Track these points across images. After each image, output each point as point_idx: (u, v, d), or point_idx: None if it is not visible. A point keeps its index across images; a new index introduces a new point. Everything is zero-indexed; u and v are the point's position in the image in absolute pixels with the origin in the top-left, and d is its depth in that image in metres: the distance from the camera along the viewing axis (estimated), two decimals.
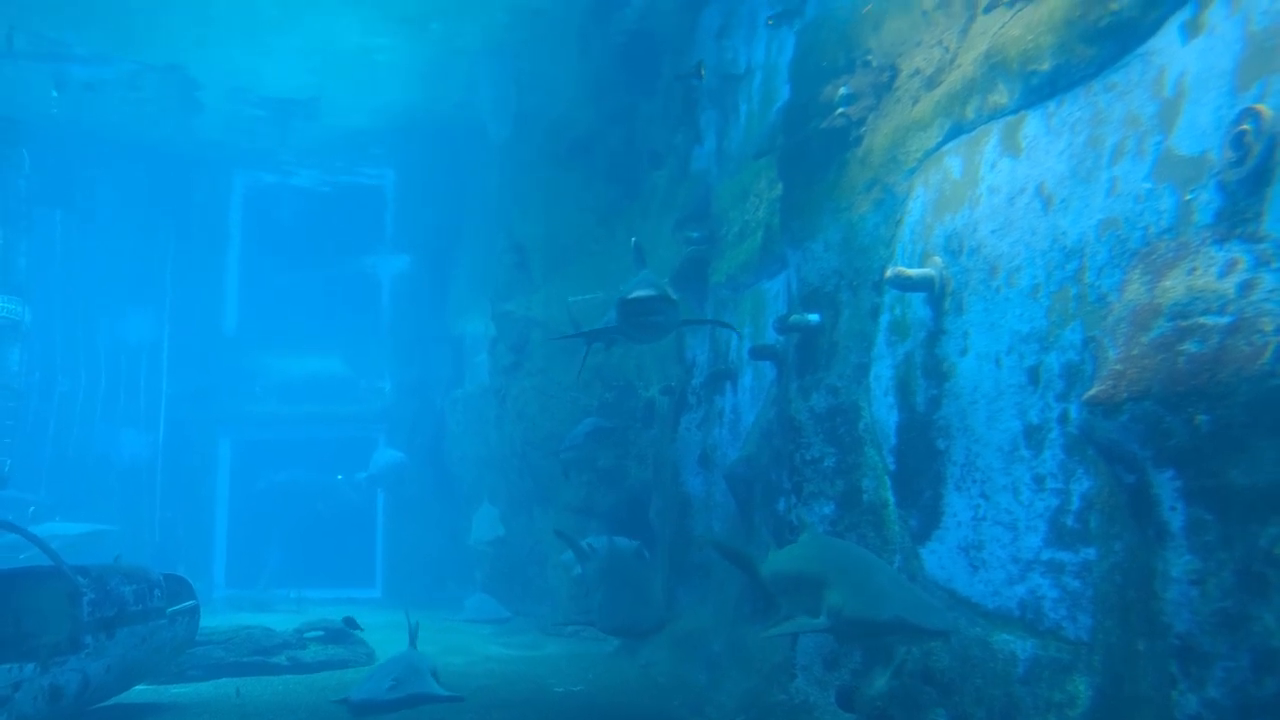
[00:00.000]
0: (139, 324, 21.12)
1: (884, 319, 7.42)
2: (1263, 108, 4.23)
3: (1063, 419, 5.48)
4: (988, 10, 6.62)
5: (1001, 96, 6.17)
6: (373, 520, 22.03)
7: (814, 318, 8.07)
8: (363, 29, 13.98)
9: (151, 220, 20.66)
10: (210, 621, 11.40)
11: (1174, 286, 4.46)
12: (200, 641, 10.66)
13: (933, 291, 6.70)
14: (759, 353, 9.42)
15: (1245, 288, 4.14)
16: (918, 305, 6.93)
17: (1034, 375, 5.73)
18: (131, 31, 14.28)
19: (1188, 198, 4.63)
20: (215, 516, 21.28)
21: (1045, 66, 5.72)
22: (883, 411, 7.35)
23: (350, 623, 11.50)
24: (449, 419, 19.86)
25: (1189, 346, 4.23)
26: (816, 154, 8.32)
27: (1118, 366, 4.55)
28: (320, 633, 12.05)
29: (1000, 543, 5.95)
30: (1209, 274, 4.32)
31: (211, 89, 16.42)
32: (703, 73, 11.53)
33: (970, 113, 6.52)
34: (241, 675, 10.78)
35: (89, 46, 14.81)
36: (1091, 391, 4.65)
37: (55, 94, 16.22)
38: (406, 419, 21.41)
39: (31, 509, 17.18)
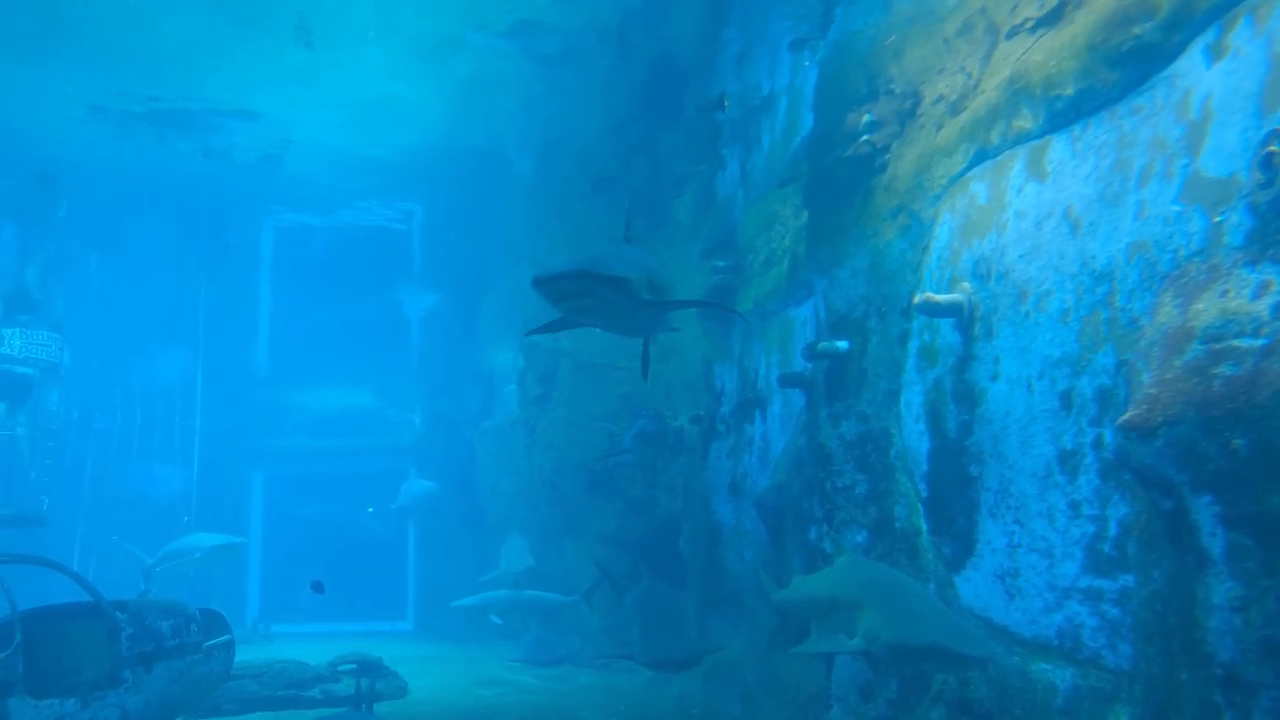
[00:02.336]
0: (173, 362, 21.41)
1: (913, 345, 7.40)
2: None
3: (1097, 444, 5.43)
4: (1010, 36, 6.64)
5: (1026, 121, 6.18)
6: (404, 553, 22.08)
7: (843, 345, 8.07)
8: (389, 72, 14.22)
9: (184, 259, 20.99)
10: (245, 655, 11.46)
11: (1206, 309, 4.43)
12: (235, 675, 10.70)
13: (962, 317, 6.68)
14: (788, 380, 9.41)
15: (1279, 310, 4.11)
16: (947, 331, 6.91)
17: (1066, 400, 5.69)
18: (167, 80, 14.62)
19: (1217, 220, 4.60)
20: (249, 551, 21.39)
21: (1069, 91, 5.73)
22: (914, 438, 7.31)
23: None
24: (479, 450, 19.92)
25: (1224, 369, 4.20)
26: (841, 181, 8.35)
27: (1152, 390, 4.52)
28: (354, 666, 12.07)
29: (1036, 570, 5.89)
30: (1241, 296, 4.29)
31: (242, 133, 16.73)
32: (726, 104, 11.61)
33: (995, 138, 6.53)
34: (276, 709, 10.82)
35: (126, 94, 15.16)
36: (1126, 416, 4.62)
37: (204, 158, 16.93)
38: (436, 451, 21.50)
39: (186, 519, 17.62)
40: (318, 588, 11.53)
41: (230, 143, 16.99)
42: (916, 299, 6.89)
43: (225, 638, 10.11)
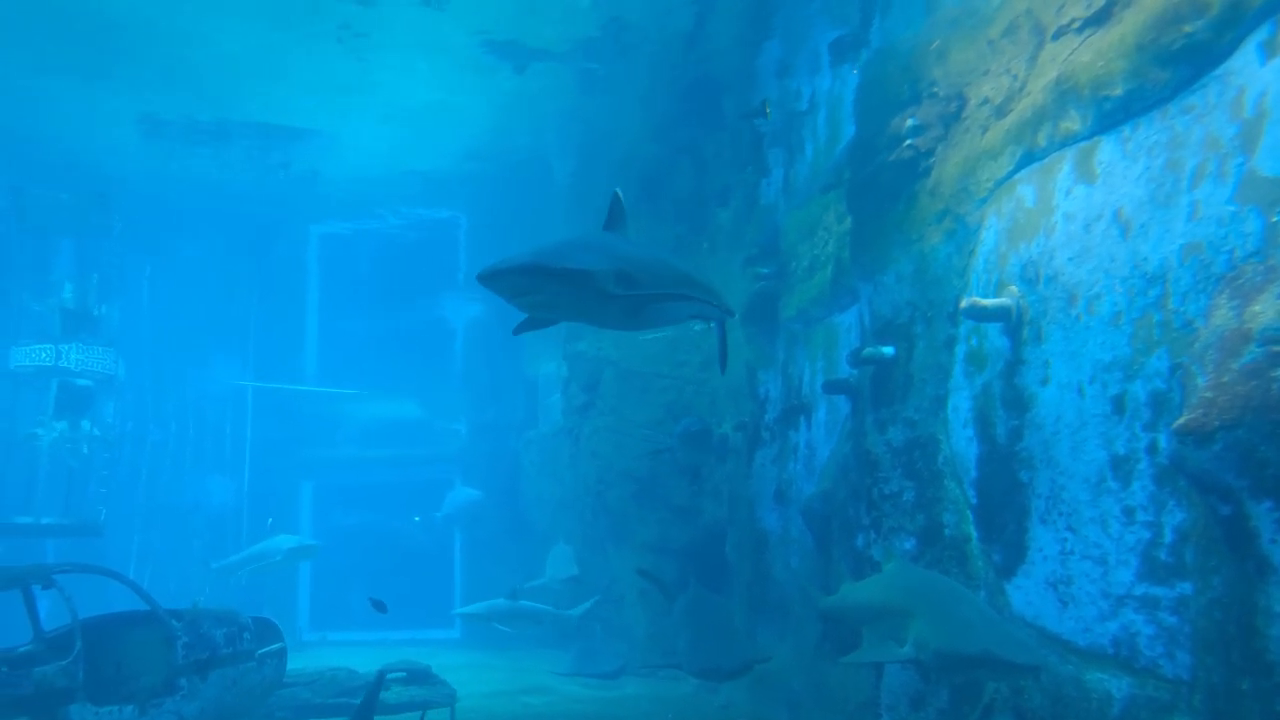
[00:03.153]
0: (224, 373, 21.82)
1: (960, 350, 7.33)
2: None
3: (1151, 449, 5.34)
4: (1056, 37, 6.57)
5: (1074, 123, 6.10)
6: (450, 561, 22.25)
7: (888, 350, 8.01)
8: (436, 84, 14.41)
9: (234, 271, 21.39)
10: (296, 663, 11.61)
11: (1264, 311, 4.34)
12: (287, 683, 10.86)
13: (1010, 321, 6.61)
14: (832, 387, 9.36)
15: None
16: (994, 335, 6.84)
17: (1119, 404, 5.60)
18: (218, 95, 14.94)
19: (1274, 220, 4.52)
20: (300, 562, 21.72)
21: (1118, 91, 5.65)
22: (962, 444, 7.24)
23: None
24: (523, 460, 20.04)
25: None
26: (885, 186, 8.30)
27: (1208, 394, 4.44)
28: (403, 674, 12.17)
29: (1090, 578, 5.80)
30: None
31: (290, 145, 17.04)
32: (769, 111, 11.60)
33: (1042, 140, 6.46)
34: (327, 717, 10.93)
35: (177, 109, 15.52)
36: (1181, 420, 4.54)
37: (283, 172, 17.36)
38: (482, 460, 21.66)
39: (270, 520, 18.01)
40: (379, 606, 11.75)
41: (278, 155, 17.32)
42: (963, 303, 6.82)
43: (277, 645, 10.28)
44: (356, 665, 12.43)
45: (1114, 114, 5.74)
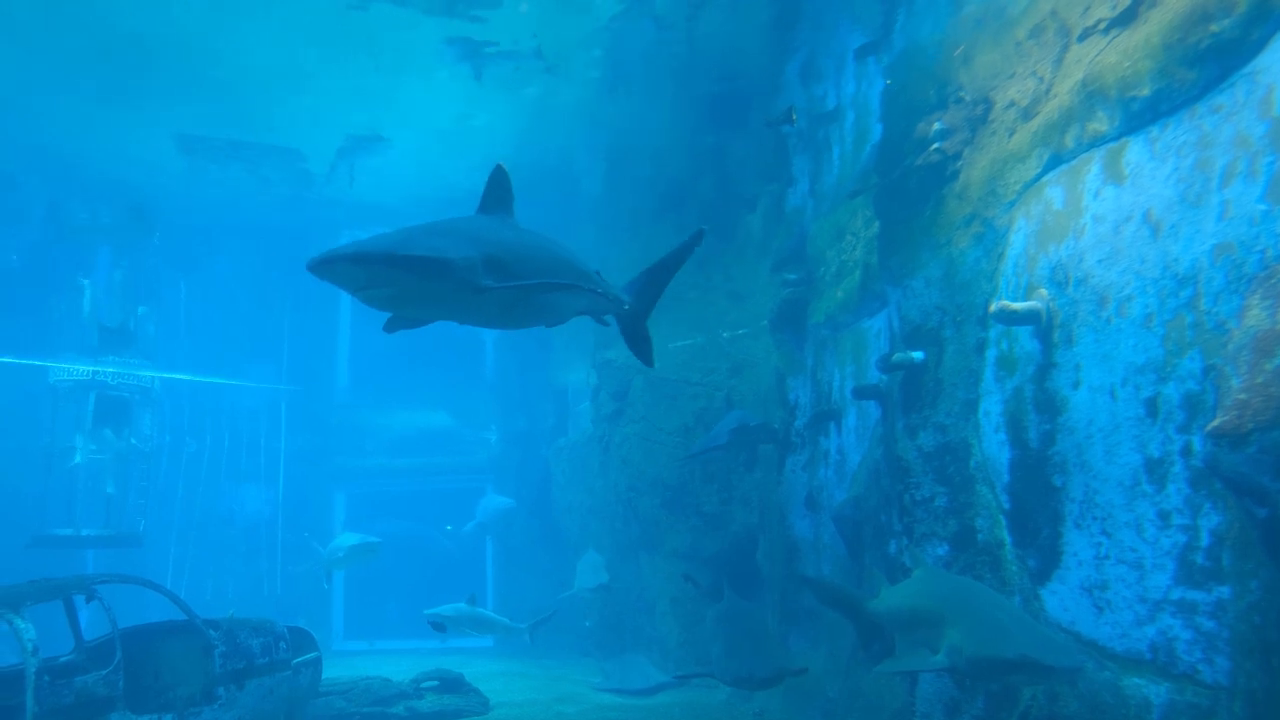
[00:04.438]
0: (258, 386, 22.08)
1: (990, 354, 7.29)
2: None
3: (1186, 451, 5.28)
4: (1082, 39, 6.53)
5: (1101, 124, 6.07)
6: (482, 570, 22.35)
7: (918, 355, 7.98)
8: (463, 99, 14.55)
9: (267, 284, 21.66)
10: (331, 672, 11.72)
11: None
12: (323, 692, 10.97)
13: (1040, 324, 6.57)
14: (862, 392, 9.33)
15: None
16: (1025, 339, 6.80)
17: (1152, 407, 5.55)
18: (252, 112, 15.17)
19: None
20: (322, 572, 21.93)
21: (1145, 92, 5.61)
22: (994, 448, 7.19)
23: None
24: (554, 468, 20.10)
25: None
26: (912, 190, 8.28)
27: (1242, 396, 4.40)
28: (436, 683, 12.26)
29: (1126, 582, 5.74)
30: None
31: (321, 161, 17.26)
32: (794, 117, 11.59)
33: (1069, 142, 6.43)
34: None
35: (212, 127, 15.79)
36: (1215, 423, 4.49)
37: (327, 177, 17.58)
38: (512, 469, 21.76)
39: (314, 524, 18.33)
40: (438, 627, 11.95)
41: (309, 168, 17.54)
42: (993, 307, 6.79)
43: (313, 655, 10.37)
44: (391, 674, 12.54)
45: (1142, 114, 5.71)
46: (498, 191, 5.57)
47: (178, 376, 19.59)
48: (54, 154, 16.48)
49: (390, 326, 5.54)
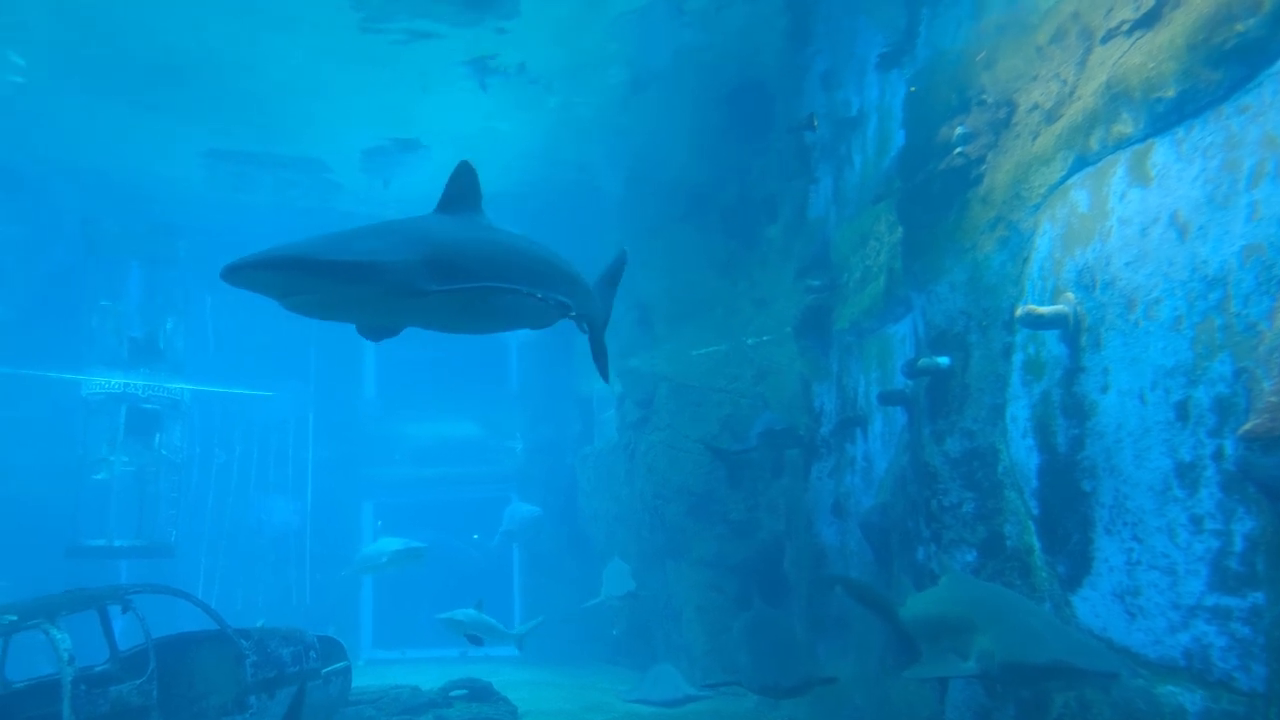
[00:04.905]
0: (286, 397, 22.29)
1: (1017, 358, 7.24)
2: None
3: (1217, 455, 5.23)
4: (1105, 41, 6.50)
5: (1126, 126, 6.03)
6: (509, 578, 22.41)
7: (944, 360, 7.93)
8: (486, 111, 14.66)
9: None
10: (360, 681, 11.79)
11: None
12: (353, 701, 11.03)
13: (1067, 328, 6.53)
14: (888, 398, 9.29)
15: None
16: (1052, 343, 6.75)
17: (1182, 410, 5.50)
18: (279, 127, 15.37)
19: None
20: (361, 579, 22.03)
21: (1170, 93, 5.58)
22: (1022, 454, 7.14)
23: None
24: (580, 476, 20.13)
25: None
26: (936, 195, 8.25)
27: (1274, 398, 4.35)
28: (465, 691, 12.30)
29: (1158, 588, 5.68)
30: None
31: (346, 173, 17.42)
32: (815, 124, 11.58)
33: (1094, 144, 6.39)
34: None
35: (240, 141, 16.00)
36: (1247, 426, 4.45)
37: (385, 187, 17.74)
38: (539, 478, 21.81)
39: (379, 523, 18.42)
40: (475, 641, 12.04)
41: (334, 179, 17.71)
42: (1019, 311, 6.75)
43: (342, 664, 10.44)
44: (420, 683, 12.59)
45: (1167, 116, 5.67)
46: (461, 188, 5.26)
47: (207, 388, 19.80)
48: (87, 169, 16.74)
49: (364, 333, 5.17)
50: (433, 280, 4.39)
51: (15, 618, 7.60)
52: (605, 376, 6.20)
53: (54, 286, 18.66)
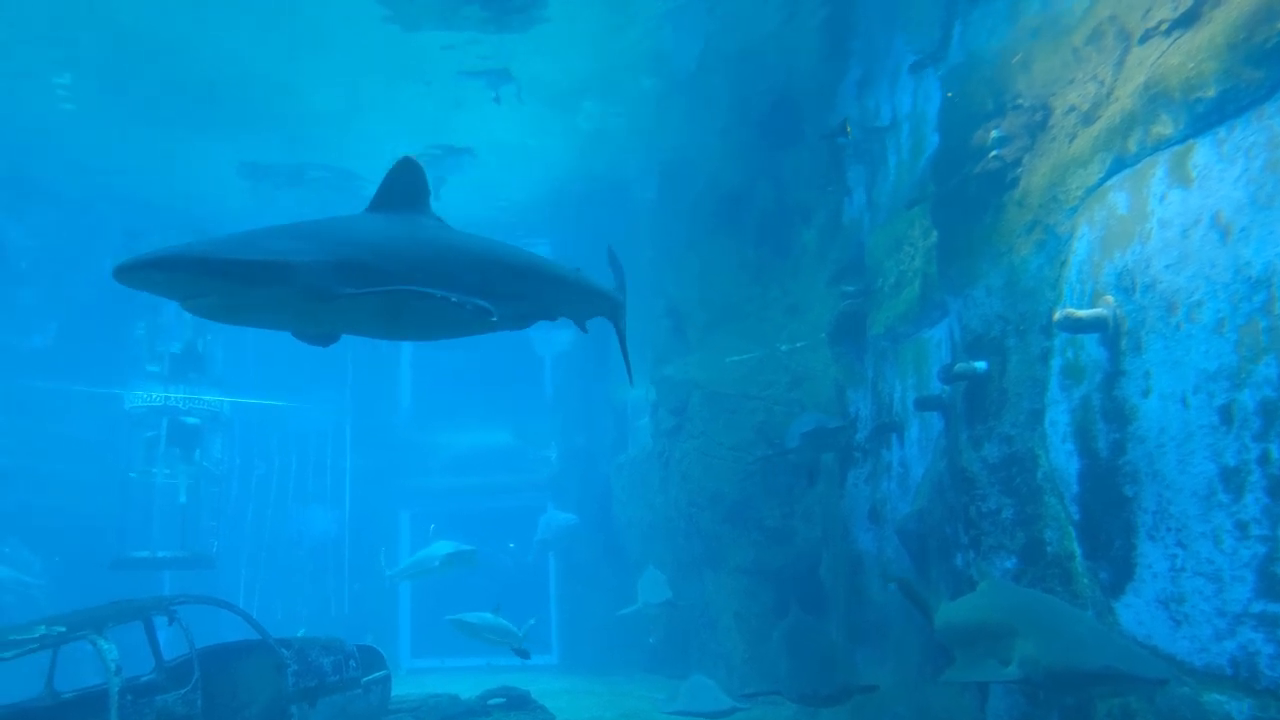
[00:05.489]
0: (323, 408, 22.53)
1: (1056, 363, 7.17)
2: None
3: (1263, 460, 5.14)
4: (1143, 41, 6.43)
5: (1165, 127, 5.96)
6: (546, 587, 22.47)
7: (981, 365, 7.87)
8: (519, 119, 14.77)
9: None
10: (400, 690, 11.87)
11: None
12: (392, 710, 11.10)
13: (1107, 332, 6.45)
14: (924, 403, 9.22)
15: None
16: (1091, 347, 6.68)
17: (1226, 414, 5.41)
18: (313, 140, 15.58)
19: None
20: (399, 588, 22.20)
21: (1211, 93, 5.51)
22: (1062, 459, 7.06)
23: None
24: (614, 484, 20.15)
25: None
26: (971, 199, 8.20)
27: None
28: (503, 700, 12.34)
29: (1203, 595, 5.59)
30: None
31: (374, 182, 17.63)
32: (849, 130, 11.54)
33: (1133, 146, 6.32)
34: None
35: (275, 155, 16.25)
36: None
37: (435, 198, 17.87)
38: (573, 486, 21.87)
39: (432, 527, 18.69)
40: (522, 654, 12.11)
41: (367, 191, 17.91)
42: (1057, 315, 6.68)
43: (382, 673, 10.52)
44: (458, 691, 12.65)
45: (1208, 116, 5.60)
46: (399, 186, 4.93)
47: (246, 401, 20.07)
48: (129, 186, 17.06)
49: (299, 337, 4.83)
50: (344, 283, 4.16)
51: (64, 629, 7.74)
52: (629, 378, 6.28)
53: (97, 302, 19.01)
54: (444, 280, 4.44)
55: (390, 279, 4.27)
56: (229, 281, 3.97)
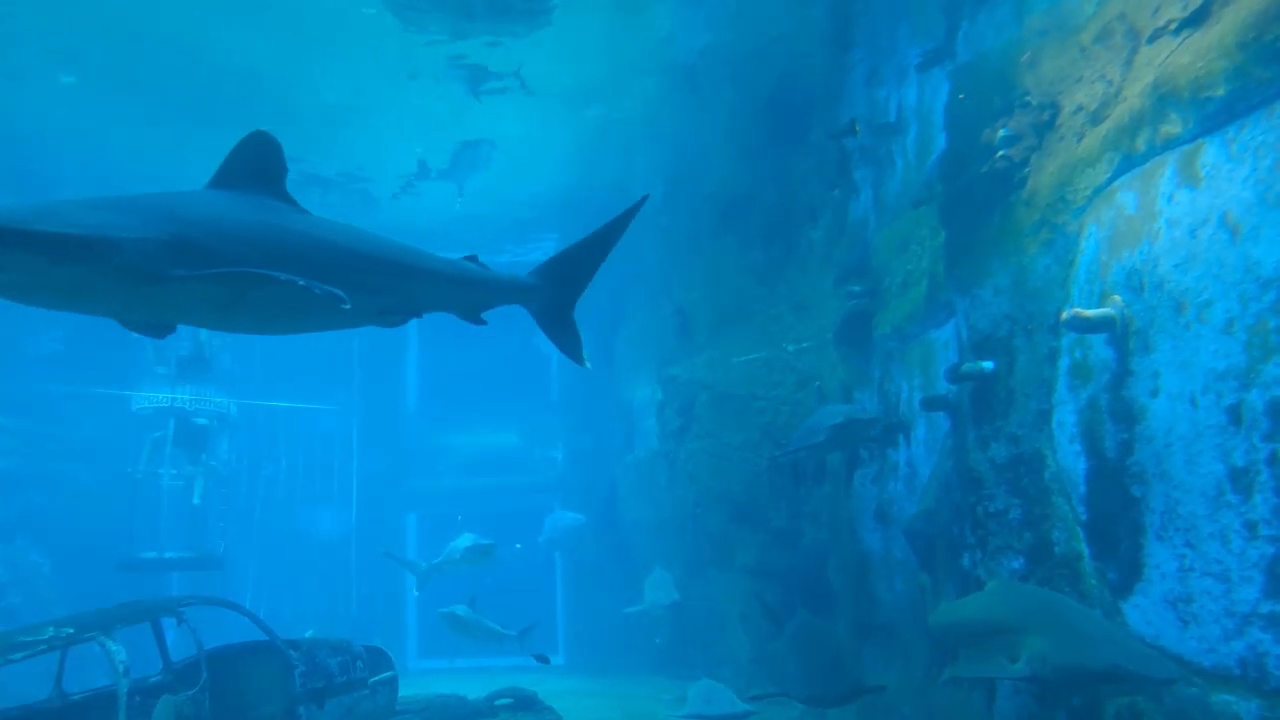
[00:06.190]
0: (331, 410, 22.57)
1: (1063, 363, 7.15)
2: None
3: (1272, 460, 5.13)
4: (1152, 40, 6.41)
5: (1174, 126, 5.94)
6: (552, 587, 22.47)
7: (988, 365, 7.86)
8: (525, 122, 14.79)
9: None
10: (407, 690, 11.87)
11: None
12: (400, 710, 11.10)
13: (1114, 332, 6.43)
14: (931, 403, 9.20)
15: None
16: (1099, 347, 6.66)
17: (1235, 414, 5.39)
18: (321, 140, 15.61)
19: None
20: (406, 589, 22.21)
21: (1220, 92, 5.49)
22: (1069, 459, 7.05)
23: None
24: (620, 485, 20.14)
25: None
26: (979, 198, 8.18)
27: None
28: (510, 700, 12.36)
29: (1212, 595, 5.57)
30: None
31: (384, 186, 17.65)
32: (857, 129, 11.51)
33: (1141, 145, 6.30)
34: None
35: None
36: None
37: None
38: (580, 487, 21.87)
39: (460, 518, 18.72)
40: (542, 659, 12.13)
41: (372, 192, 17.94)
42: (1065, 315, 6.67)
43: (389, 674, 10.52)
44: (465, 692, 12.66)
45: (1217, 115, 5.58)
46: (249, 162, 4.48)
47: (253, 402, 20.11)
48: (134, 184, 17.01)
49: (128, 326, 4.31)
50: (177, 264, 3.68)
51: (72, 630, 7.76)
52: (580, 358, 5.94)
53: None
54: (292, 267, 3.98)
55: (229, 262, 3.82)
56: (35, 256, 3.39)
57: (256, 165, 4.53)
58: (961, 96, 8.82)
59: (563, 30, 12.36)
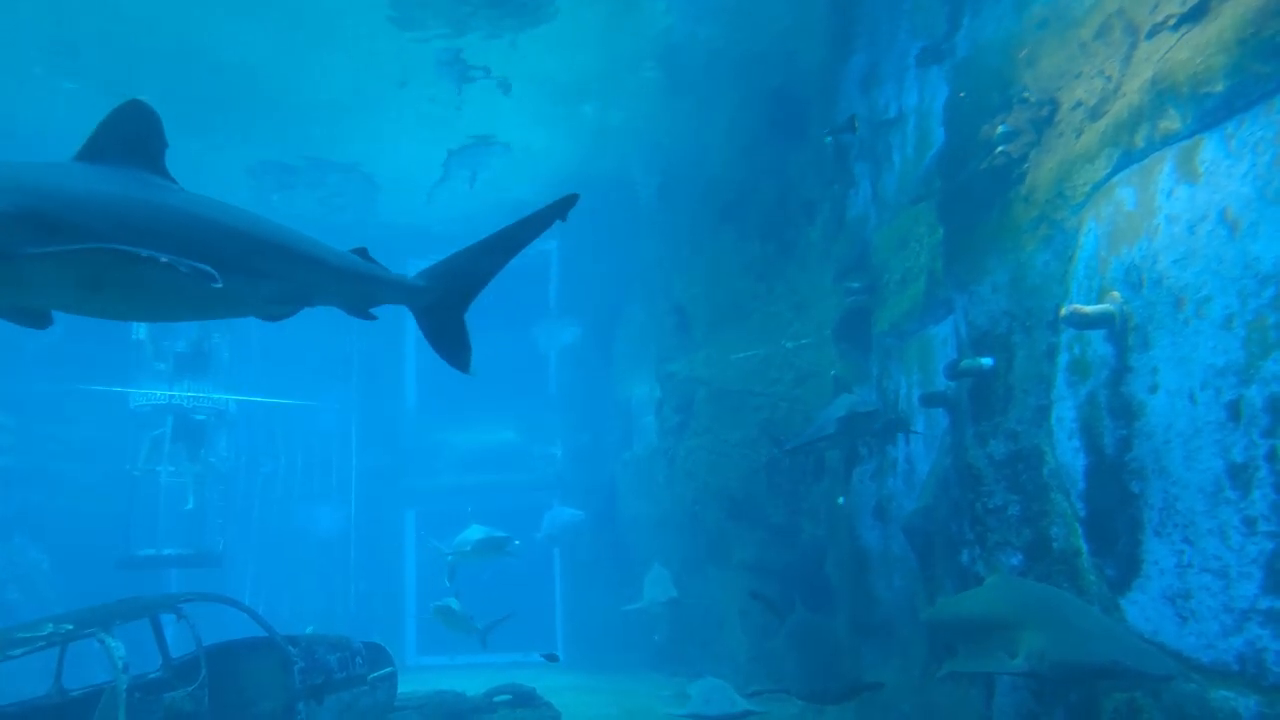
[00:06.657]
0: (329, 407, 22.55)
1: (1062, 359, 7.15)
2: None
3: (1271, 456, 5.13)
4: (1150, 36, 6.41)
5: (1173, 122, 5.94)
6: (551, 584, 22.48)
7: (987, 361, 7.86)
8: (522, 120, 14.79)
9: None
10: (406, 687, 11.87)
11: None
12: (399, 706, 11.11)
13: (1113, 328, 6.44)
14: (930, 400, 9.21)
15: None
16: (1098, 343, 6.66)
17: (1234, 411, 5.40)
18: (320, 138, 15.61)
19: None
20: (405, 586, 22.24)
21: (1219, 88, 5.49)
22: (1068, 455, 7.05)
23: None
24: (619, 482, 20.14)
25: None
26: (977, 195, 8.18)
27: None
28: (509, 696, 12.36)
29: (1210, 591, 5.58)
30: None
31: (385, 183, 17.64)
32: (856, 125, 11.51)
33: (1140, 141, 6.30)
34: None
35: (281, 152, 16.27)
36: None
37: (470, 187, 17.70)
38: (579, 484, 21.86)
39: (471, 508, 18.72)
40: (551, 658, 12.13)
41: (374, 189, 17.93)
42: (1064, 311, 6.67)
43: (388, 670, 10.53)
44: (464, 688, 12.67)
45: (1216, 111, 5.57)
46: (121, 133, 4.06)
47: (252, 399, 20.09)
48: None
49: (24, 321, 3.98)
50: (28, 240, 3.32)
51: (72, 627, 7.76)
52: (465, 366, 5.56)
53: None
54: (162, 245, 3.64)
55: (88, 239, 3.47)
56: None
57: (131, 137, 4.14)
58: (962, 94, 8.81)
59: (561, 25, 12.35)
